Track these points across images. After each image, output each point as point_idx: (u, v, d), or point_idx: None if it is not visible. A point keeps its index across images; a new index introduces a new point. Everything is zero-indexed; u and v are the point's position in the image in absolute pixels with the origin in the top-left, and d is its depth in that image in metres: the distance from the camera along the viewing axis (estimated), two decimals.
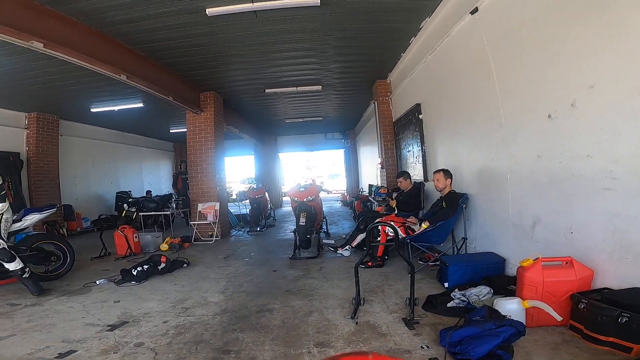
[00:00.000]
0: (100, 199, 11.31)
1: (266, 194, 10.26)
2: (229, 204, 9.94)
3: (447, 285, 3.58)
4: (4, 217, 4.20)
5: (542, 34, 2.95)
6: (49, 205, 5.22)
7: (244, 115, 11.21)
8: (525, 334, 2.28)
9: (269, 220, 10.03)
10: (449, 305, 3.10)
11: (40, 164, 8.83)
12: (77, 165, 10.37)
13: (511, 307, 2.48)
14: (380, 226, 4.23)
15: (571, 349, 2.28)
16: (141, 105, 8.45)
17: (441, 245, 4.65)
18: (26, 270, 4.19)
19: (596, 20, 2.42)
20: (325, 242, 6.48)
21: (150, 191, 12.28)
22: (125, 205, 8.24)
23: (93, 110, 8.68)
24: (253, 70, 7.01)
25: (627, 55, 2.22)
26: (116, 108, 8.48)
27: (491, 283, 3.26)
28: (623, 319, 2.08)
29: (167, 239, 6.78)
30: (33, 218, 4.73)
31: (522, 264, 2.57)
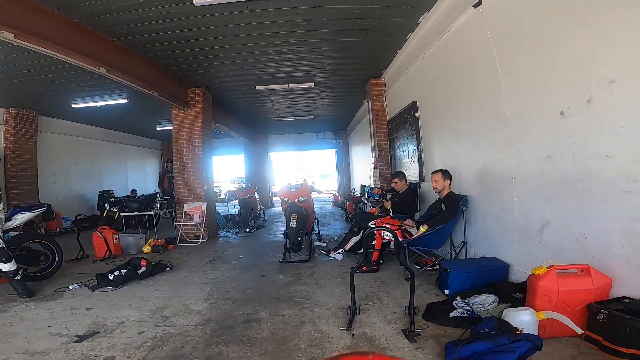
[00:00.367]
0: (82, 198, 10.87)
1: (256, 194, 9.97)
2: (217, 204, 9.63)
3: (447, 292, 3.37)
4: None
5: (554, 25, 2.75)
6: (38, 204, 5.13)
7: (234, 113, 10.90)
8: (542, 349, 2.07)
9: (258, 221, 9.73)
10: (452, 315, 2.88)
11: (18, 161, 8.43)
12: (57, 163, 9.92)
13: (523, 318, 2.26)
14: (376, 231, 3.98)
15: None
16: (125, 101, 8.12)
17: (439, 250, 4.44)
18: (19, 272, 4.01)
19: (619, 7, 2.22)
20: (317, 244, 6.24)
21: (135, 190, 11.86)
22: (106, 205, 7.86)
23: (74, 106, 8.27)
24: (243, 66, 6.73)
25: None
26: (99, 104, 8.10)
27: (496, 290, 3.05)
28: None
29: (150, 240, 6.45)
30: (23, 217, 4.62)
31: (535, 272, 2.36)
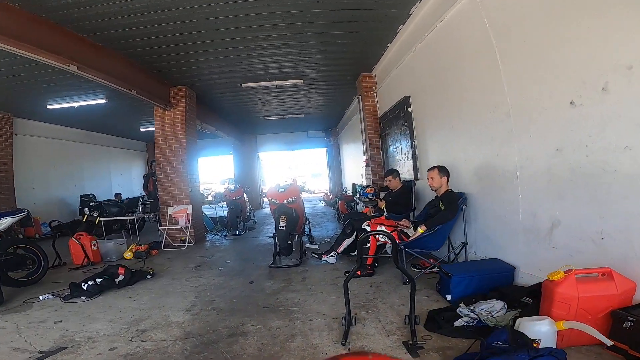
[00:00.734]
0: (62, 203, 10.40)
1: (244, 195, 9.65)
2: (204, 206, 9.29)
3: (449, 298, 3.13)
4: None
5: (561, 9, 2.52)
6: (18, 209, 5.20)
7: (221, 112, 10.55)
8: None
9: (247, 223, 9.43)
10: (457, 324, 2.63)
11: None
12: (34, 167, 9.47)
13: (541, 329, 2.02)
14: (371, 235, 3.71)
15: None
16: (104, 101, 7.74)
17: (437, 251, 4.20)
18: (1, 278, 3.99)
19: None
20: (308, 246, 5.97)
21: (120, 194, 11.42)
22: (85, 209, 7.46)
23: (50, 107, 7.85)
24: (228, 62, 6.41)
25: None
26: (75, 104, 7.69)
27: (502, 295, 2.82)
28: None
29: (132, 246, 6.10)
30: (6, 222, 4.62)
31: (552, 277, 2.13)
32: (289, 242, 4.99)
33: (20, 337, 2.94)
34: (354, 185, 9.86)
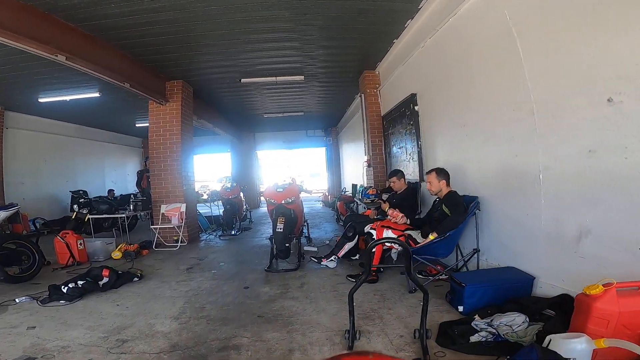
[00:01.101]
0: (53, 199, 10.07)
1: (241, 194, 9.37)
2: (199, 204, 8.99)
3: (461, 309, 2.87)
4: None
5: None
6: (10, 204, 5.36)
7: (219, 109, 10.26)
8: None
9: (244, 223, 9.14)
10: (473, 340, 2.38)
11: None
12: (24, 161, 9.12)
13: (576, 347, 1.76)
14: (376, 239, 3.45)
15: None
16: (98, 95, 7.41)
17: (446, 258, 3.94)
18: None
19: None
20: (307, 249, 5.69)
21: (113, 190, 11.12)
22: (75, 206, 7.15)
23: (42, 101, 7.55)
24: (227, 56, 6.14)
25: None
26: (68, 98, 7.39)
27: (521, 307, 2.57)
28: None
29: (121, 245, 5.80)
30: (1, 215, 4.82)
31: (589, 291, 1.87)
32: (287, 244, 4.72)
33: None
34: (354, 186, 9.58)
